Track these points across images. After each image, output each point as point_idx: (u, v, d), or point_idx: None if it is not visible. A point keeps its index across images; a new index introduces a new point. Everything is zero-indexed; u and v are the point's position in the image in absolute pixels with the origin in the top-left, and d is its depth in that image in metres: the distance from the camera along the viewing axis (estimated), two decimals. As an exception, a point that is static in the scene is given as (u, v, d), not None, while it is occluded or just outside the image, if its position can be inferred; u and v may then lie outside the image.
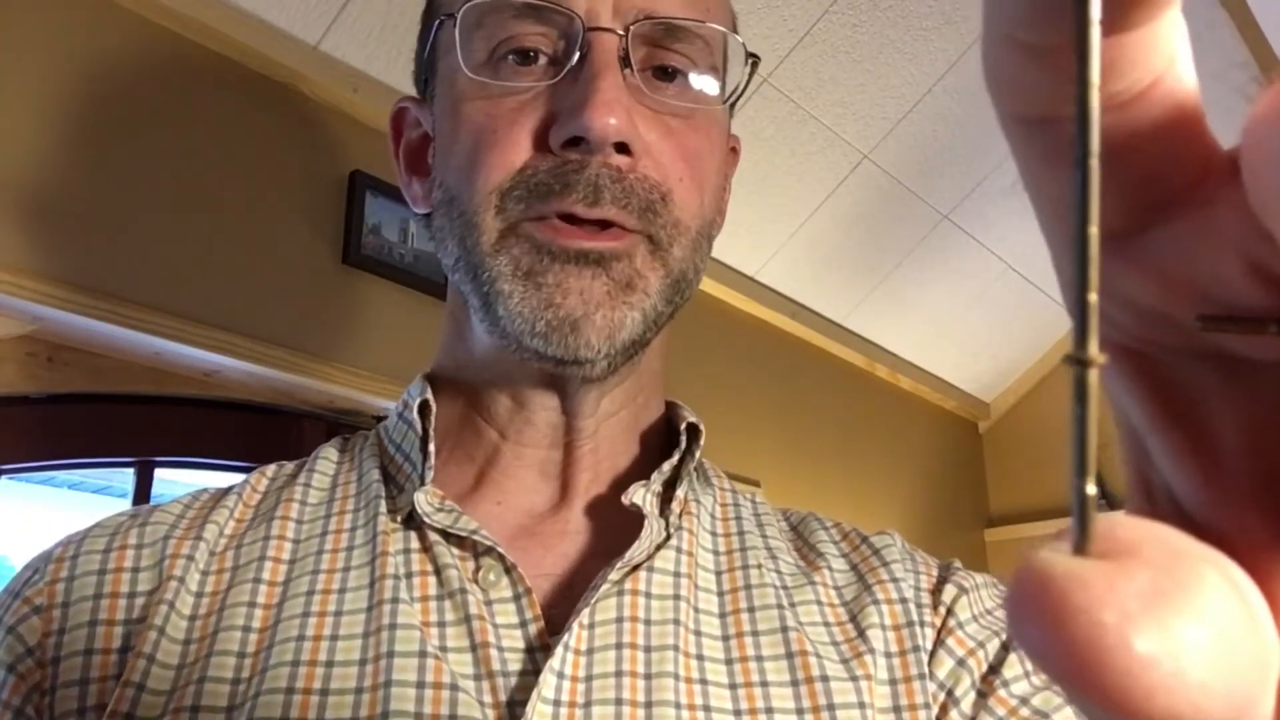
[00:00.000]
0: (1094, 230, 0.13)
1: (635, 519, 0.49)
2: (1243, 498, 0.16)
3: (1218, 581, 0.12)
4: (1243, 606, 0.12)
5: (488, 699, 0.44)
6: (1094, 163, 0.13)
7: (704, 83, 0.53)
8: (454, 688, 0.43)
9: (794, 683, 0.47)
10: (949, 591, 0.52)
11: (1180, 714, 0.12)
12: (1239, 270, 0.15)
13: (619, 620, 0.47)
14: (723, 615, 0.50)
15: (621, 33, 0.49)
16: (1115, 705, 0.12)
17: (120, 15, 1.17)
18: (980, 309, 2.32)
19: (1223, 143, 0.15)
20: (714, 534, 0.54)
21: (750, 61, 0.55)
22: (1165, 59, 0.14)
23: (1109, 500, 2.39)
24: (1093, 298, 0.13)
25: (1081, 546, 0.13)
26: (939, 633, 0.50)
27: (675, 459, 0.53)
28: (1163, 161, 0.15)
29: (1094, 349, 0.13)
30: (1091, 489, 0.13)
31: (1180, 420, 0.17)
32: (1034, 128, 0.15)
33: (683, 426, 0.55)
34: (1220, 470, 0.16)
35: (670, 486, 0.53)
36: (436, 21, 0.54)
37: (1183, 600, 0.12)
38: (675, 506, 0.52)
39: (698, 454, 0.55)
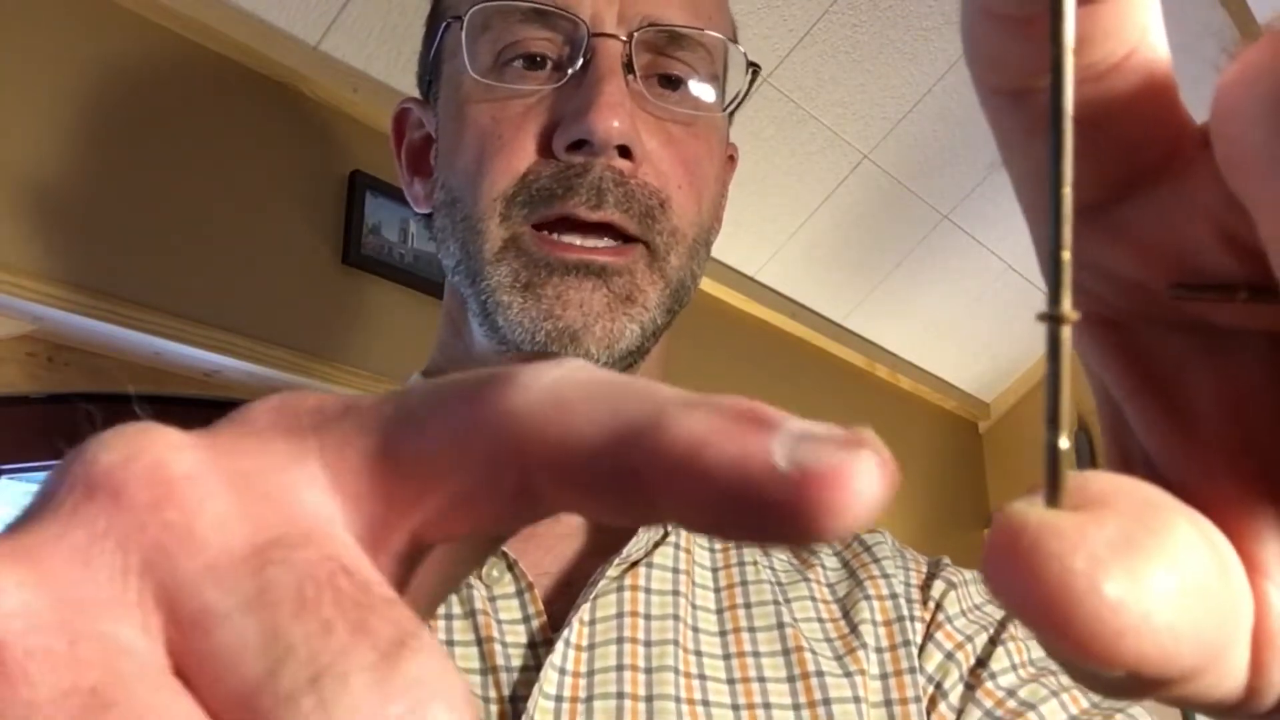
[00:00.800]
0: (1067, 190, 0.13)
1: None
2: (1218, 464, 0.16)
3: (1188, 530, 0.13)
4: (1213, 555, 0.13)
5: (491, 694, 0.44)
6: (1068, 124, 0.13)
7: (705, 91, 0.53)
8: None
9: (790, 679, 0.47)
10: (938, 587, 0.53)
11: (1148, 657, 0.12)
12: (1211, 239, 0.15)
13: (619, 615, 0.47)
14: (719, 612, 0.50)
15: (625, 39, 0.50)
16: (1085, 649, 0.12)
17: (120, 15, 1.17)
18: (980, 309, 2.32)
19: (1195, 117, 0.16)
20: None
21: (751, 71, 0.56)
22: (1139, 30, 0.14)
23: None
24: (1066, 255, 0.13)
25: (1054, 499, 0.13)
26: (928, 627, 0.51)
27: None
28: (1137, 132, 0.15)
29: (1067, 306, 0.13)
30: (1064, 443, 0.13)
31: (1157, 388, 0.17)
32: (1011, 100, 0.16)
33: None
34: (1196, 437, 0.16)
35: None
36: (443, 24, 0.54)
37: (1152, 546, 0.12)
38: None
39: None
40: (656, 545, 0.51)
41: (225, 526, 0.13)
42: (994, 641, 0.51)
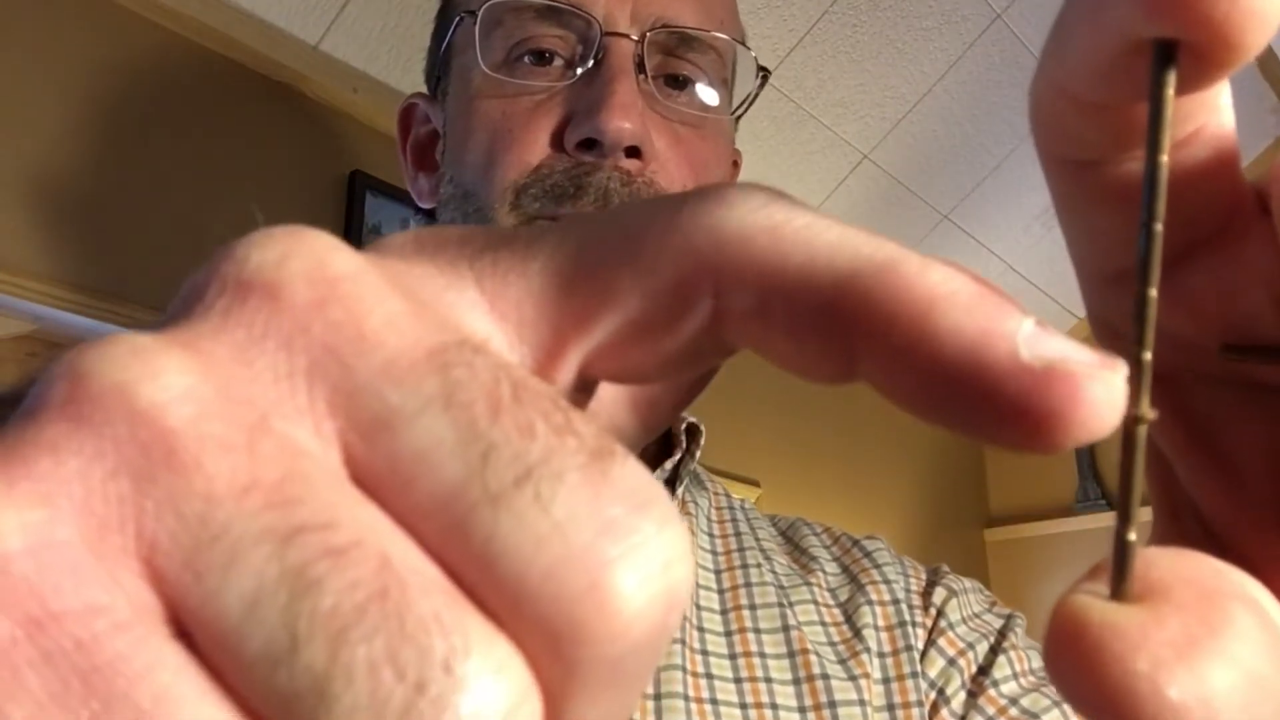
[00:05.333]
0: (1153, 293, 0.13)
1: None
2: (1267, 519, 0.16)
3: (1247, 621, 0.13)
4: (1272, 642, 0.13)
5: None
6: (1158, 227, 0.13)
7: (712, 93, 0.53)
8: None
9: (796, 681, 0.47)
10: (939, 594, 0.53)
11: None
12: (1265, 303, 0.15)
13: None
14: (724, 612, 0.50)
15: (637, 39, 0.50)
16: None
17: (120, 16, 1.17)
18: (980, 309, 2.32)
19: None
20: (711, 534, 0.54)
21: (760, 75, 0.56)
22: (1211, 107, 0.15)
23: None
24: (1147, 356, 0.13)
25: (1119, 592, 0.13)
26: (930, 633, 0.51)
27: (675, 458, 0.54)
28: (1201, 201, 0.15)
29: (1146, 406, 0.13)
30: (1133, 536, 0.13)
31: (1206, 444, 0.17)
32: (1077, 170, 0.16)
33: (682, 427, 0.55)
34: (1245, 493, 0.16)
35: (670, 486, 0.53)
36: (455, 19, 0.55)
37: (1213, 645, 0.12)
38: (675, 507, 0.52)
39: (697, 454, 0.55)
40: None
41: (397, 327, 0.12)
42: (995, 650, 0.51)
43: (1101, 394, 0.11)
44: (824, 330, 0.13)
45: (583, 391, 0.15)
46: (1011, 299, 0.12)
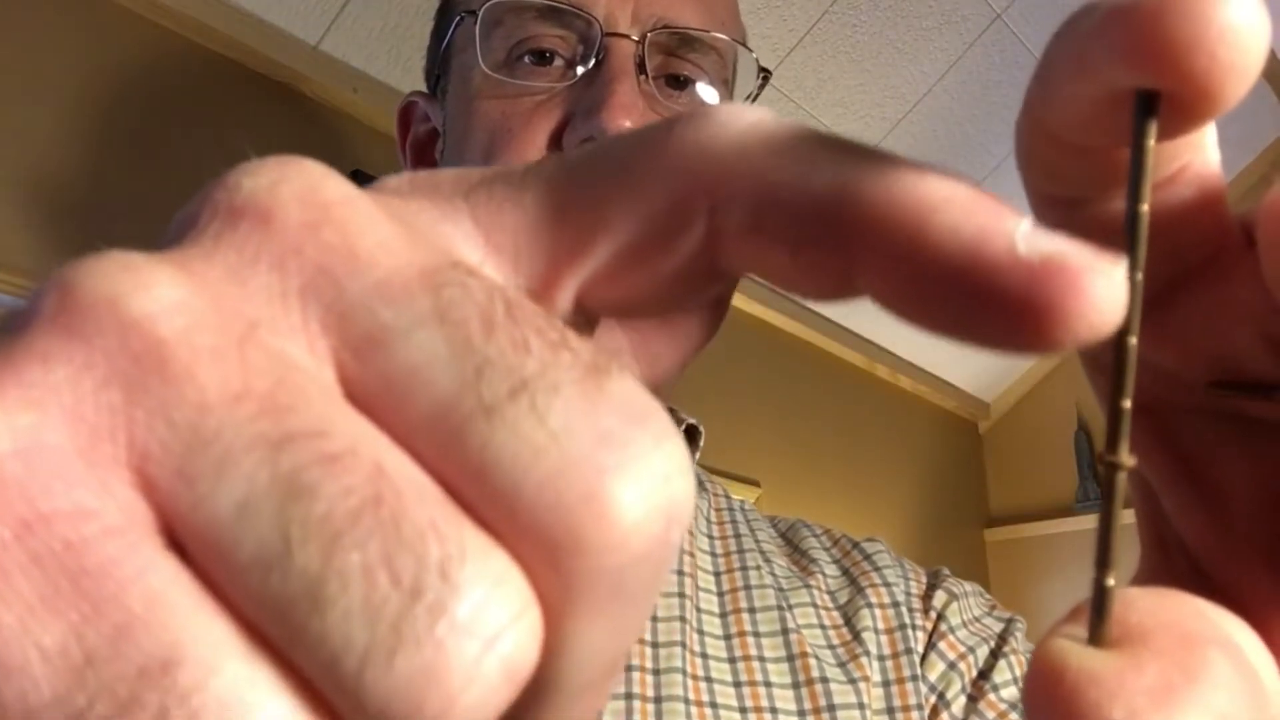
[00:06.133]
0: (1133, 340, 0.13)
1: None
2: (1253, 553, 0.16)
3: (1225, 668, 0.13)
4: (1249, 688, 0.13)
5: None
6: (1139, 276, 0.13)
7: (714, 94, 0.53)
8: None
9: (795, 685, 0.47)
10: (940, 597, 0.53)
11: None
12: (1252, 340, 0.15)
13: None
14: (723, 615, 0.50)
15: (638, 39, 0.50)
16: None
17: (120, 15, 1.17)
18: (980, 309, 2.32)
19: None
20: (711, 536, 0.54)
21: (761, 76, 0.56)
22: (1196, 146, 0.15)
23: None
24: (1126, 404, 0.13)
25: (1097, 637, 0.13)
26: (930, 636, 0.51)
27: None
28: (1187, 238, 0.15)
29: (1124, 453, 0.13)
30: (1111, 582, 0.13)
31: (1192, 477, 0.17)
32: (1064, 207, 0.16)
33: (681, 429, 0.55)
34: (1231, 526, 0.16)
35: None
36: (455, 18, 0.54)
37: (1189, 694, 0.12)
38: None
39: (697, 456, 0.55)
40: None
41: (391, 249, 0.12)
42: (996, 654, 0.51)
43: (1101, 286, 0.11)
44: (821, 240, 0.13)
45: (584, 327, 0.15)
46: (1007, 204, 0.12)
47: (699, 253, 0.14)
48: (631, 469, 0.11)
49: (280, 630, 0.10)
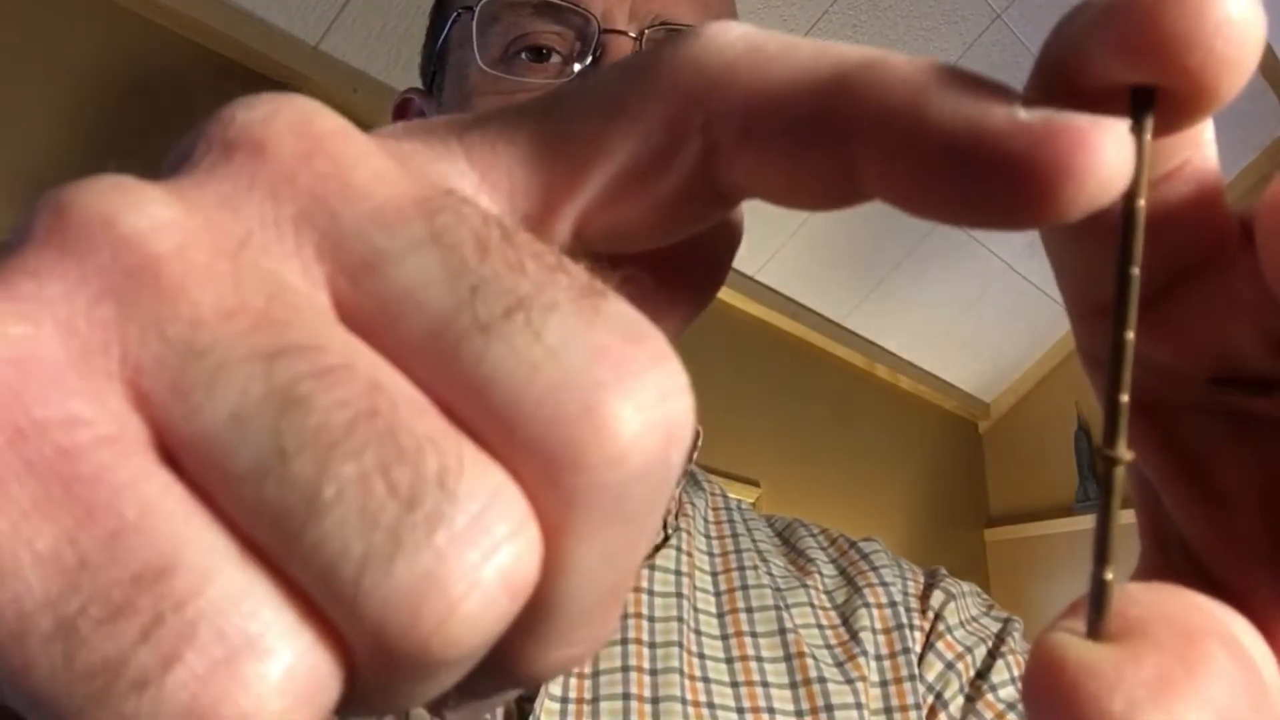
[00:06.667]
0: (1130, 336, 0.13)
1: None
2: (1254, 550, 0.16)
3: (1224, 661, 0.13)
4: (1249, 681, 0.13)
5: None
6: (1135, 271, 0.13)
7: None
8: None
9: (792, 685, 0.47)
10: (937, 597, 0.53)
11: None
12: (1252, 336, 0.15)
13: (623, 617, 0.47)
14: (720, 615, 0.50)
15: (635, 36, 0.50)
16: None
17: (120, 15, 1.17)
18: (980, 309, 2.32)
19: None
20: (708, 536, 0.54)
21: None
22: (1194, 143, 0.15)
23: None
24: (1124, 398, 0.13)
25: (1096, 631, 0.13)
26: (928, 636, 0.51)
27: None
28: (1185, 235, 0.15)
29: (1122, 448, 0.13)
30: (1110, 576, 0.13)
31: (1192, 473, 0.17)
32: None
33: None
34: (1232, 522, 0.16)
35: None
36: (452, 14, 0.54)
37: (1188, 686, 0.12)
38: (672, 506, 0.52)
39: (695, 456, 0.55)
40: (658, 548, 0.51)
41: (385, 179, 0.12)
42: (993, 654, 0.51)
43: (1107, 140, 0.11)
44: (820, 141, 0.12)
45: (584, 259, 0.15)
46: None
47: (697, 171, 0.14)
48: (629, 385, 0.11)
49: (276, 540, 0.10)
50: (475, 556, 0.10)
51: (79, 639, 0.10)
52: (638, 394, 0.11)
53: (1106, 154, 0.11)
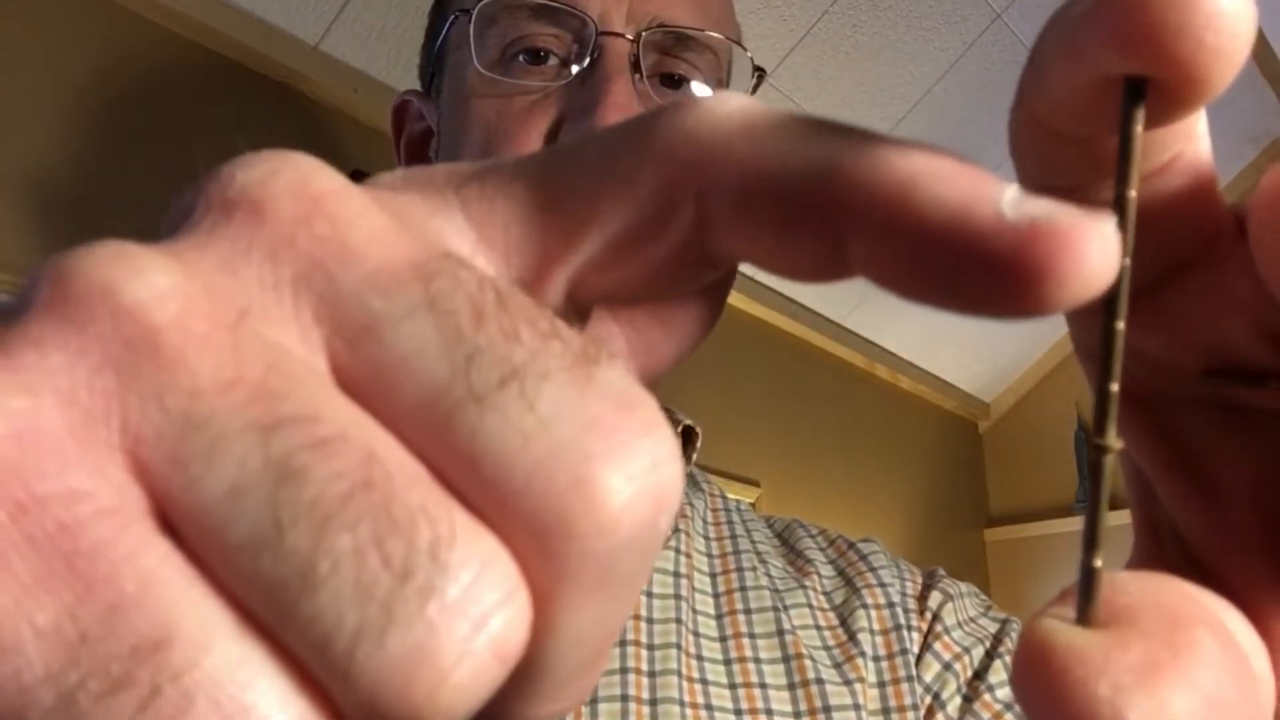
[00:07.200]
0: (1120, 325, 0.13)
1: None
2: (1247, 542, 0.16)
3: (1211, 647, 0.13)
4: (1237, 668, 0.13)
5: None
6: (1126, 262, 0.13)
7: (709, 93, 0.53)
8: None
9: (791, 686, 0.47)
10: (935, 598, 0.53)
11: None
12: (1245, 329, 0.15)
13: None
14: (719, 616, 0.50)
15: (632, 38, 0.50)
16: None
17: (120, 15, 1.17)
18: (980, 309, 2.32)
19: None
20: (707, 538, 0.54)
21: (756, 75, 0.56)
22: (1188, 135, 0.15)
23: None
24: (1114, 388, 0.13)
25: (1085, 617, 0.13)
26: (925, 637, 0.51)
27: None
28: (1178, 228, 0.15)
29: (1112, 436, 0.13)
30: (1099, 563, 0.13)
31: (1186, 466, 0.17)
32: (1056, 195, 0.16)
33: (678, 430, 0.55)
34: (1225, 514, 0.16)
35: None
36: (450, 17, 0.54)
37: (1175, 670, 0.12)
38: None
39: (694, 457, 0.55)
40: None
41: (382, 241, 0.12)
42: (991, 654, 0.51)
43: (1092, 243, 0.11)
44: (807, 219, 0.13)
45: (576, 318, 0.15)
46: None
47: (689, 239, 0.14)
48: (619, 455, 0.11)
49: (272, 611, 0.10)
50: (466, 627, 0.10)
51: (79, 712, 0.10)
52: (628, 463, 0.11)
53: (1091, 256, 0.11)
